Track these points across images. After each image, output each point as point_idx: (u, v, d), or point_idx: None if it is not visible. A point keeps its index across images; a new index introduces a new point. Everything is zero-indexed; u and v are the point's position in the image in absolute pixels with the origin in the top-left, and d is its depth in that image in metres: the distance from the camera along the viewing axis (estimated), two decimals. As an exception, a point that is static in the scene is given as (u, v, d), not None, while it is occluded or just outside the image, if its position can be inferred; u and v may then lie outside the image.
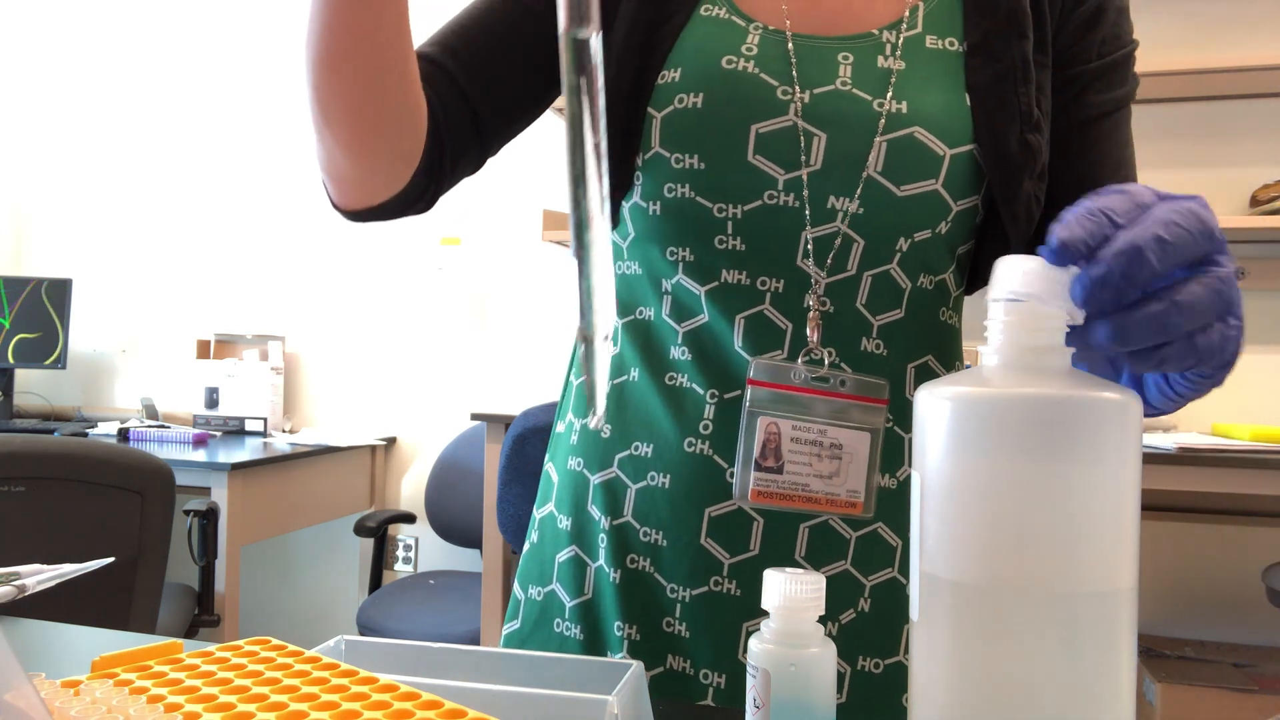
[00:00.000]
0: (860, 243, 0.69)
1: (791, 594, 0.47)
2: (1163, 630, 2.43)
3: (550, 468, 0.82)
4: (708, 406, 0.71)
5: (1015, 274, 0.42)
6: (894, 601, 0.73)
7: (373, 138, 0.68)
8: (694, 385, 0.72)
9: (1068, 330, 0.42)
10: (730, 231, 0.70)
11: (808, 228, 0.69)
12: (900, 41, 0.70)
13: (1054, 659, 0.38)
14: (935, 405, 0.41)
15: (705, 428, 0.71)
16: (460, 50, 0.75)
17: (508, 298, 3.04)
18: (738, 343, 0.71)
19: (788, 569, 0.49)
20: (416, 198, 0.74)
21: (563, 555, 0.78)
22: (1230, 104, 2.48)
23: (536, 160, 2.88)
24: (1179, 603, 2.44)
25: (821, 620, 0.49)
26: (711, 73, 0.70)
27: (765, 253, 0.70)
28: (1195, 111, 2.51)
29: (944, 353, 0.76)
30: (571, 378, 0.83)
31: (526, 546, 0.83)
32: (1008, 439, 0.39)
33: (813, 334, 0.69)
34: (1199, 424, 2.46)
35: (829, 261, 0.70)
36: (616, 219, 0.77)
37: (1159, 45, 2.49)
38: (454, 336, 3.08)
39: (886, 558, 0.73)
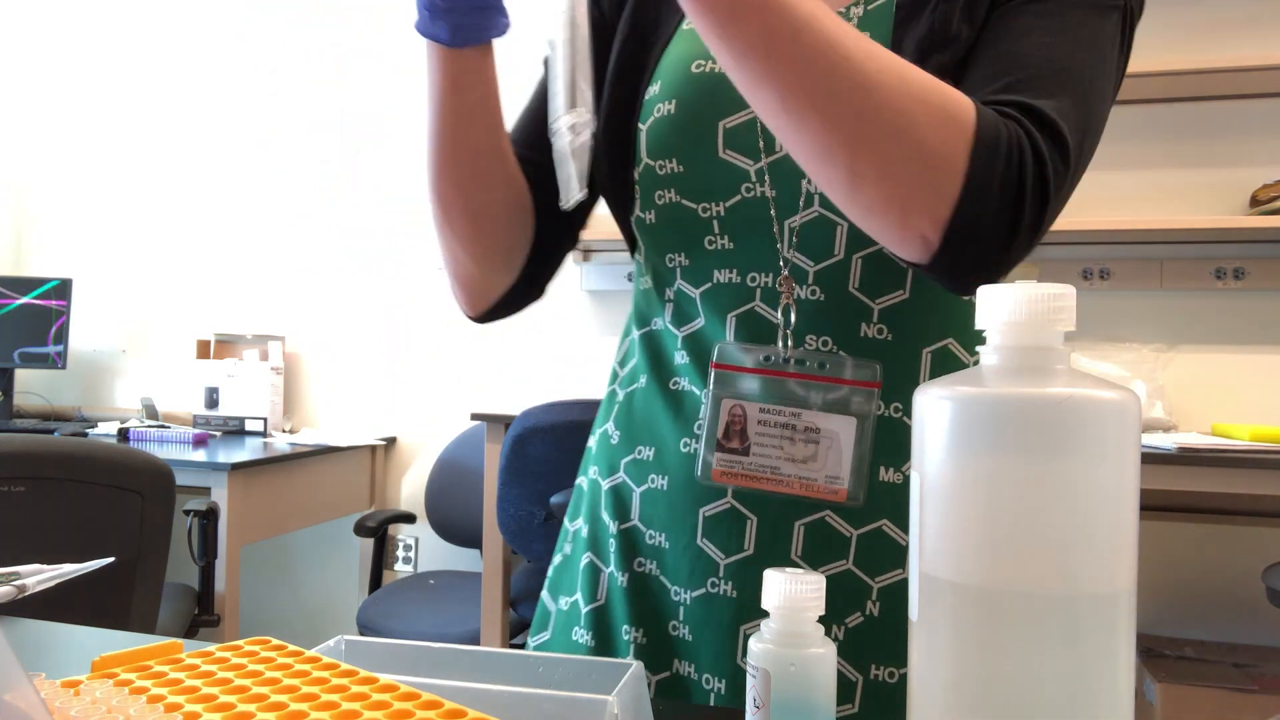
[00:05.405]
0: (843, 224, 0.68)
1: (791, 594, 0.47)
2: (1163, 630, 2.43)
3: (581, 481, 0.83)
4: (703, 406, 0.71)
5: None
6: (906, 605, 0.70)
7: (487, 222, 0.73)
8: (693, 387, 0.73)
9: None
10: (718, 231, 0.71)
11: (786, 216, 0.69)
12: (866, 14, 0.69)
13: (1052, 660, 0.38)
14: (935, 405, 0.41)
15: (699, 427, 0.71)
16: (538, 138, 0.75)
17: (508, 298, 3.04)
18: (731, 341, 0.71)
19: (788, 569, 0.49)
20: (529, 284, 0.81)
21: (582, 562, 0.79)
22: (1230, 104, 2.48)
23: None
24: (1179, 603, 2.44)
25: (825, 623, 0.49)
26: (682, 79, 0.72)
27: (751, 248, 0.70)
28: (1195, 111, 2.51)
29: (968, 335, 0.72)
30: (617, 387, 0.81)
31: (558, 559, 0.84)
32: (1007, 439, 0.39)
33: (787, 318, 0.68)
34: (1199, 424, 2.46)
35: (814, 248, 0.69)
36: (633, 242, 0.79)
37: (1159, 45, 2.49)
38: (454, 336, 3.08)
39: (894, 557, 0.69)
